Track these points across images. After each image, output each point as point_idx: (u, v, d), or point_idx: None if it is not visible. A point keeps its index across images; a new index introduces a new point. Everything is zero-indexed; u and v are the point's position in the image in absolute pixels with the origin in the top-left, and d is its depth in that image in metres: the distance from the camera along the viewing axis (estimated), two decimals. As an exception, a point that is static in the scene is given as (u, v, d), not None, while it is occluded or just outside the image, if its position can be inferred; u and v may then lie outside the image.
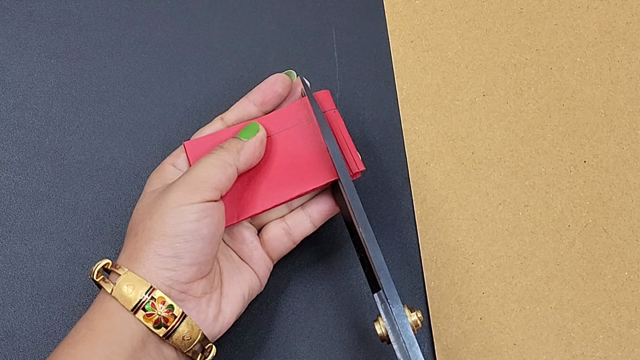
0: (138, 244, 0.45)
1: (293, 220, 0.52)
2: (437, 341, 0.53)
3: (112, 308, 0.44)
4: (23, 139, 0.57)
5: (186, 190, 0.46)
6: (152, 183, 0.49)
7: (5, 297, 0.53)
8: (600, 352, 0.53)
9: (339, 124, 0.52)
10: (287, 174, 0.51)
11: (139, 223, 0.46)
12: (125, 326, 0.44)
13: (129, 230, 0.47)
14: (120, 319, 0.44)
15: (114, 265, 0.45)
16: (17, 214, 0.55)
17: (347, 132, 0.52)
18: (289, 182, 0.51)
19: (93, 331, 0.43)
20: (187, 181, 0.46)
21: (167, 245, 0.45)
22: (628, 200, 0.57)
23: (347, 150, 0.51)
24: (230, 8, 0.62)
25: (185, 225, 0.45)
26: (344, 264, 0.55)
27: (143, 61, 0.60)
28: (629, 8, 0.62)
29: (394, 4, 0.62)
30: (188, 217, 0.45)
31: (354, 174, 0.51)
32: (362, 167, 0.51)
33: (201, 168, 0.47)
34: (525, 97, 0.60)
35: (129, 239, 0.47)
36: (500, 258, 0.55)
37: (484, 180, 0.57)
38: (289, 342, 0.53)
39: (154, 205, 0.46)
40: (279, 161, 0.51)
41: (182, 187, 0.46)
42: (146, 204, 0.47)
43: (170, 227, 0.45)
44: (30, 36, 0.60)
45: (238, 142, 0.49)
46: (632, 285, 0.54)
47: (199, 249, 0.46)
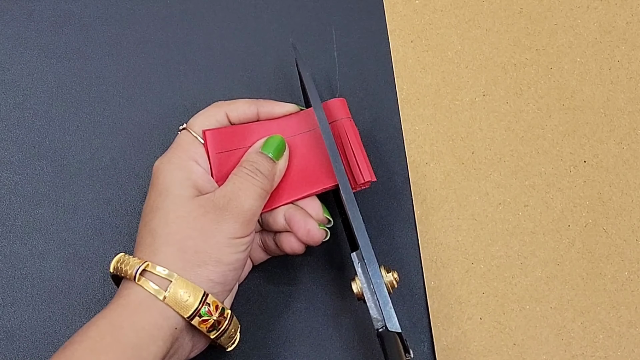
0: (188, 264, 0.45)
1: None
2: (437, 341, 0.53)
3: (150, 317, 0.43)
4: (23, 139, 0.57)
5: (241, 224, 0.47)
6: (182, 184, 0.48)
7: (5, 297, 0.53)
8: (600, 352, 0.53)
9: (350, 132, 0.52)
10: (294, 176, 0.51)
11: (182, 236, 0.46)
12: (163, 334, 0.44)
13: (159, 233, 0.46)
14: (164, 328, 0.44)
15: (151, 267, 0.45)
16: (17, 213, 0.55)
17: (360, 141, 0.52)
18: (297, 184, 0.51)
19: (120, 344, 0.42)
20: (241, 213, 0.47)
21: (219, 273, 0.46)
22: (628, 200, 0.57)
23: (356, 160, 0.51)
24: (230, 8, 0.62)
25: (237, 255, 0.47)
26: (344, 265, 0.55)
27: (143, 61, 0.60)
28: (629, 8, 0.62)
29: (394, 4, 0.62)
30: (240, 249, 0.47)
31: (362, 183, 0.51)
32: (371, 177, 0.51)
33: (250, 198, 0.47)
34: (525, 97, 0.60)
35: (165, 247, 0.46)
36: (500, 258, 0.55)
37: (484, 180, 0.57)
38: (289, 342, 0.53)
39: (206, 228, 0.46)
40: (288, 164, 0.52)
41: (237, 218, 0.46)
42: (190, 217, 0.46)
43: (226, 257, 0.46)
44: (30, 36, 0.60)
45: (272, 165, 0.49)
46: (632, 285, 0.54)
47: (238, 275, 0.48)
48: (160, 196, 0.47)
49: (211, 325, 0.45)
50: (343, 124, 0.52)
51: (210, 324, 0.45)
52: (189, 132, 0.50)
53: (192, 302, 0.44)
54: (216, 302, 0.45)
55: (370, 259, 0.47)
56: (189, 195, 0.47)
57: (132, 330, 0.43)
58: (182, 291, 0.44)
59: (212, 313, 0.45)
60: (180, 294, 0.44)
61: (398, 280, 0.48)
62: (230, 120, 0.51)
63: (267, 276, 0.54)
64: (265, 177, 0.49)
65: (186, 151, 0.49)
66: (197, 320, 0.44)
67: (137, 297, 0.44)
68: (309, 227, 0.49)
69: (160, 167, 0.48)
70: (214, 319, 0.45)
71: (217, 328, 0.46)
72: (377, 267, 0.47)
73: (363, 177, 0.51)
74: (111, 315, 0.43)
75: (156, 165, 0.49)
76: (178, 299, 0.44)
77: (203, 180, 0.48)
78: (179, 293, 0.44)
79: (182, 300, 0.44)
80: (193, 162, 0.49)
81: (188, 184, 0.48)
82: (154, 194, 0.48)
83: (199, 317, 0.44)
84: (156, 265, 0.45)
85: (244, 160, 0.50)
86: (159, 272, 0.44)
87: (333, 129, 0.52)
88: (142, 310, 0.44)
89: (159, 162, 0.49)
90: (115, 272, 0.46)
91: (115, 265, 0.46)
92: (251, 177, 0.48)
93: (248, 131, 0.51)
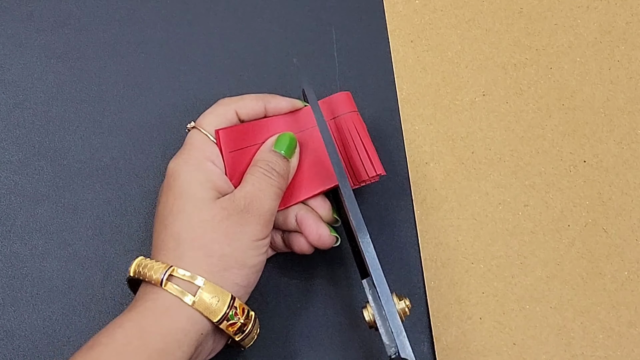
0: (214, 268, 0.45)
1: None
2: (437, 341, 0.53)
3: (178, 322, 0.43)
4: (23, 139, 0.57)
5: (263, 225, 0.47)
6: (202, 187, 0.47)
7: (5, 297, 0.53)
8: (600, 352, 0.53)
9: (357, 126, 0.52)
10: (308, 172, 0.51)
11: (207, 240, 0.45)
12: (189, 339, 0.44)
13: (183, 237, 0.46)
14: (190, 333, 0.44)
15: (177, 272, 0.45)
16: (17, 213, 0.55)
17: (367, 134, 0.52)
18: (309, 181, 0.51)
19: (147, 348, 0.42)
20: (263, 214, 0.47)
21: (244, 276, 0.46)
22: (628, 200, 0.57)
23: (367, 152, 0.51)
24: (230, 8, 0.62)
25: (259, 257, 0.47)
26: (345, 265, 0.55)
27: (143, 61, 0.60)
28: (629, 8, 0.62)
29: (394, 4, 0.62)
30: (262, 250, 0.47)
31: (373, 177, 0.51)
32: (381, 170, 0.51)
33: (269, 199, 0.48)
34: (525, 97, 0.60)
35: (190, 251, 0.45)
36: (500, 258, 0.55)
37: (484, 180, 0.57)
38: (289, 342, 0.53)
39: (230, 231, 0.46)
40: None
41: (260, 220, 0.47)
42: (215, 221, 0.46)
43: (250, 259, 0.46)
44: (30, 36, 0.60)
45: (286, 163, 0.50)
46: (631, 285, 0.54)
47: (259, 277, 0.48)
48: (181, 198, 0.47)
49: (238, 328, 0.45)
50: (351, 118, 0.52)
51: (237, 327, 0.45)
52: (201, 132, 0.49)
53: (221, 307, 0.44)
54: (242, 305, 0.45)
55: (382, 286, 0.46)
56: (210, 197, 0.47)
57: (159, 334, 0.42)
58: (211, 296, 0.44)
59: (240, 316, 0.45)
60: (209, 299, 0.44)
61: (410, 307, 0.47)
62: (239, 117, 0.51)
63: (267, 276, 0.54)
64: (281, 176, 0.49)
65: (202, 151, 0.49)
66: (225, 324, 0.45)
67: (165, 302, 0.44)
68: (321, 232, 0.50)
69: (177, 169, 0.48)
70: (241, 322, 0.45)
71: (243, 330, 0.46)
72: (389, 294, 0.46)
73: (375, 170, 0.51)
74: (138, 318, 0.43)
75: (171, 167, 0.48)
76: (207, 303, 0.44)
77: (221, 180, 0.48)
78: (207, 298, 0.44)
79: (211, 305, 0.44)
80: (210, 162, 0.48)
81: (208, 185, 0.47)
82: (172, 196, 0.47)
83: (227, 321, 0.44)
84: (182, 269, 0.44)
85: (257, 159, 0.50)
86: (186, 276, 0.44)
87: (339, 123, 0.52)
88: (170, 315, 0.43)
89: (174, 164, 0.48)
90: (137, 276, 0.45)
91: (136, 269, 0.45)
92: (267, 176, 0.48)
93: (258, 128, 0.51)
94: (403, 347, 0.46)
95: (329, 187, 0.51)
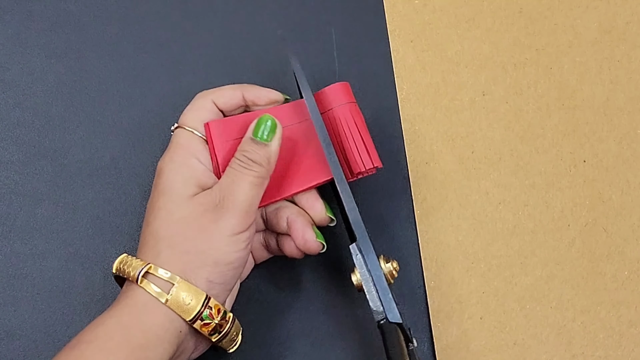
0: (188, 266, 0.45)
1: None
2: (437, 341, 0.53)
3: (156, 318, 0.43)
4: (23, 138, 0.57)
5: (238, 218, 0.46)
6: (185, 183, 0.47)
7: (5, 296, 0.53)
8: (601, 351, 0.53)
9: (355, 117, 0.51)
10: (292, 169, 0.51)
11: (183, 237, 0.45)
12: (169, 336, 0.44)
13: (161, 235, 0.46)
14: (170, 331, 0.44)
15: (154, 269, 0.45)
16: (17, 213, 0.55)
17: (365, 126, 0.51)
18: (299, 175, 0.51)
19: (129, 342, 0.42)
20: (237, 207, 0.46)
21: (218, 273, 0.45)
22: (628, 199, 0.57)
23: (365, 144, 0.51)
24: (230, 8, 0.62)
25: (237, 253, 0.46)
26: (345, 266, 0.55)
27: (143, 61, 0.60)
28: (629, 8, 0.62)
29: (394, 3, 0.62)
30: (240, 246, 0.46)
31: (369, 169, 0.51)
32: (378, 163, 0.51)
33: (245, 189, 0.46)
34: (525, 96, 0.60)
35: (167, 249, 0.45)
36: (501, 257, 0.55)
37: (484, 180, 0.57)
38: (289, 342, 0.53)
39: (205, 227, 0.45)
40: (285, 155, 0.51)
41: (234, 213, 0.46)
42: (191, 217, 0.46)
43: (224, 256, 0.45)
44: (30, 36, 0.60)
45: (263, 148, 0.48)
46: (632, 285, 0.54)
47: (239, 274, 0.47)
48: (163, 196, 0.47)
49: (213, 329, 0.45)
50: (349, 108, 0.51)
51: (212, 327, 0.45)
52: (185, 130, 0.49)
53: (194, 306, 0.44)
54: (218, 306, 0.45)
55: (368, 249, 0.47)
56: (190, 193, 0.47)
57: (140, 330, 0.42)
58: (184, 294, 0.44)
59: (214, 317, 0.45)
60: (182, 297, 0.44)
61: (398, 269, 0.48)
62: (218, 107, 0.50)
63: (267, 275, 0.54)
64: (258, 164, 0.47)
65: (186, 148, 0.49)
66: (198, 323, 0.44)
67: (141, 298, 0.44)
68: (307, 237, 0.49)
69: (163, 167, 0.48)
70: (215, 322, 0.45)
71: (218, 331, 0.45)
72: (375, 257, 0.47)
73: (372, 162, 0.50)
74: (118, 315, 0.43)
75: (159, 166, 0.48)
76: (180, 302, 0.43)
77: (205, 177, 0.48)
78: (180, 296, 0.44)
79: (184, 304, 0.43)
80: (195, 159, 0.48)
81: (192, 182, 0.47)
82: (156, 193, 0.47)
83: (200, 320, 0.44)
84: (158, 267, 0.44)
85: (237, 150, 0.49)
86: (161, 274, 0.44)
87: (336, 113, 0.51)
88: (148, 312, 0.43)
89: (161, 162, 0.48)
90: (118, 273, 0.46)
91: (117, 266, 0.46)
92: (243, 167, 0.47)
93: (250, 120, 0.50)
94: (390, 309, 0.46)
95: (322, 180, 0.50)
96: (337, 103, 0.51)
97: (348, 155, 0.51)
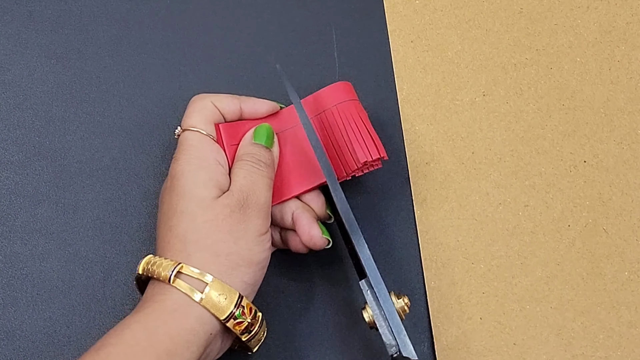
0: (221, 267, 0.45)
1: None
2: (437, 341, 0.53)
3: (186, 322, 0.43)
4: (23, 139, 0.57)
5: (263, 218, 0.47)
6: (206, 185, 0.47)
7: (5, 297, 0.53)
8: (601, 352, 0.53)
9: (360, 113, 0.52)
10: (294, 171, 0.51)
11: (213, 240, 0.45)
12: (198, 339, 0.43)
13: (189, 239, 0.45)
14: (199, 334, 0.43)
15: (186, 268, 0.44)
16: (17, 213, 0.55)
17: (369, 122, 0.52)
18: (302, 176, 0.51)
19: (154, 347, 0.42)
20: (261, 207, 0.47)
21: (251, 273, 0.46)
22: (628, 200, 0.57)
23: (369, 136, 0.51)
24: (231, 8, 0.62)
25: (264, 253, 0.47)
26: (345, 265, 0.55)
27: (143, 61, 0.60)
28: (629, 8, 0.62)
29: (394, 4, 0.62)
30: (266, 246, 0.47)
31: (373, 162, 0.51)
32: (384, 154, 0.51)
33: (264, 191, 0.48)
34: (525, 97, 0.60)
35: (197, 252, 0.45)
36: (501, 258, 0.55)
37: (484, 180, 0.57)
38: (289, 342, 0.53)
39: (234, 229, 0.46)
40: (287, 158, 0.52)
41: (259, 214, 0.47)
42: (218, 220, 0.46)
43: (256, 256, 0.46)
44: (30, 36, 0.60)
45: (269, 153, 0.50)
46: (632, 285, 0.54)
47: (264, 274, 0.48)
48: (184, 199, 0.46)
49: (245, 328, 0.45)
50: (352, 105, 0.52)
51: (244, 326, 0.45)
52: (193, 131, 0.49)
53: (228, 305, 0.44)
54: (250, 305, 0.45)
55: (379, 286, 0.47)
56: (213, 195, 0.46)
57: (167, 336, 0.42)
58: (218, 293, 0.44)
59: (247, 315, 0.45)
60: (216, 296, 0.44)
61: (409, 305, 0.48)
62: (217, 108, 0.50)
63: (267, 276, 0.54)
64: (268, 166, 0.49)
65: (202, 150, 0.48)
66: (232, 322, 0.44)
67: (173, 302, 0.44)
68: (313, 233, 0.49)
69: (179, 169, 0.47)
70: (248, 321, 0.45)
71: (249, 330, 0.46)
72: (387, 294, 0.47)
73: (379, 152, 0.51)
74: (146, 320, 0.43)
75: (174, 168, 0.48)
76: (214, 300, 0.43)
77: (224, 178, 0.48)
78: (214, 295, 0.44)
79: (219, 303, 0.44)
80: (213, 159, 0.48)
81: (211, 184, 0.47)
82: (175, 196, 0.47)
83: (233, 319, 0.44)
84: (190, 266, 0.44)
85: (242, 153, 0.49)
86: (195, 273, 0.44)
87: (339, 109, 0.52)
88: (178, 316, 0.43)
89: (176, 165, 0.48)
90: (146, 274, 0.45)
91: (145, 267, 0.45)
92: (257, 168, 0.48)
93: (251, 125, 0.51)
94: (405, 346, 0.46)
95: (322, 182, 0.51)
96: (340, 100, 0.52)
97: (354, 146, 0.51)
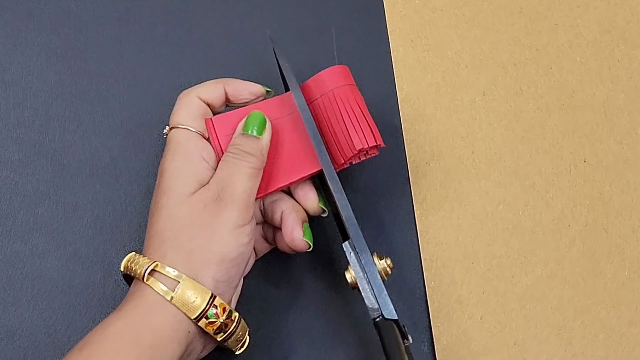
0: (194, 265, 0.44)
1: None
2: (437, 341, 0.53)
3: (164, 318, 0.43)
4: (23, 138, 0.57)
5: (239, 210, 0.46)
6: (186, 181, 0.47)
7: (6, 296, 0.53)
8: (601, 351, 0.53)
9: (357, 98, 0.51)
10: (283, 161, 0.51)
11: (187, 237, 0.45)
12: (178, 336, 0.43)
13: (166, 236, 0.45)
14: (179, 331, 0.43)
15: (160, 267, 0.44)
16: (17, 213, 0.55)
17: (366, 108, 0.51)
18: (286, 169, 0.50)
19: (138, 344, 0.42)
20: (236, 199, 0.46)
21: (223, 271, 0.45)
22: (628, 199, 0.57)
23: (366, 123, 0.50)
24: (231, 8, 0.62)
25: (241, 248, 0.46)
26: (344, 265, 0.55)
27: (143, 60, 0.60)
28: (629, 8, 0.62)
29: (394, 3, 0.62)
30: (243, 240, 0.46)
31: (369, 149, 0.50)
32: (380, 141, 0.50)
33: (243, 181, 0.47)
34: (525, 96, 0.60)
35: (172, 250, 0.45)
36: (501, 257, 0.55)
37: (484, 180, 0.57)
38: (288, 341, 0.53)
39: (207, 223, 0.45)
40: (275, 148, 0.51)
41: (234, 206, 0.46)
42: (192, 215, 0.46)
43: (229, 252, 0.45)
44: (29, 35, 0.60)
45: (256, 141, 0.48)
46: (632, 284, 0.54)
47: (242, 270, 0.47)
48: (165, 194, 0.47)
49: (218, 328, 0.45)
50: (348, 90, 0.51)
51: (217, 326, 0.44)
52: (181, 128, 0.49)
53: (199, 304, 0.43)
54: (224, 305, 0.45)
55: (361, 247, 0.47)
56: (191, 190, 0.46)
57: (149, 331, 0.42)
58: (190, 292, 0.43)
59: (219, 315, 0.44)
60: (188, 295, 0.43)
61: (392, 266, 0.48)
62: (203, 101, 0.50)
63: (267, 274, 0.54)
64: (251, 154, 0.48)
65: (186, 147, 0.48)
66: (203, 322, 0.44)
67: (149, 298, 0.44)
68: (294, 235, 0.49)
69: (165, 167, 0.48)
70: (220, 321, 0.44)
71: (224, 330, 0.45)
72: (369, 255, 0.47)
73: (375, 140, 0.50)
74: (127, 316, 0.43)
75: (160, 166, 0.48)
76: (185, 300, 0.43)
77: (208, 174, 0.48)
78: (186, 294, 0.43)
79: (189, 302, 0.43)
80: (198, 156, 0.48)
81: (193, 179, 0.47)
82: (159, 193, 0.47)
83: (205, 319, 0.44)
84: (165, 265, 0.44)
85: (230, 145, 0.49)
86: (168, 272, 0.44)
87: (335, 94, 0.51)
88: (157, 312, 0.43)
89: (162, 162, 0.48)
90: (126, 271, 0.46)
91: (125, 264, 0.46)
92: (237, 159, 0.47)
93: (245, 114, 0.50)
94: (385, 305, 0.46)
95: (316, 170, 0.50)
96: (336, 85, 0.51)
97: (350, 132, 0.50)
